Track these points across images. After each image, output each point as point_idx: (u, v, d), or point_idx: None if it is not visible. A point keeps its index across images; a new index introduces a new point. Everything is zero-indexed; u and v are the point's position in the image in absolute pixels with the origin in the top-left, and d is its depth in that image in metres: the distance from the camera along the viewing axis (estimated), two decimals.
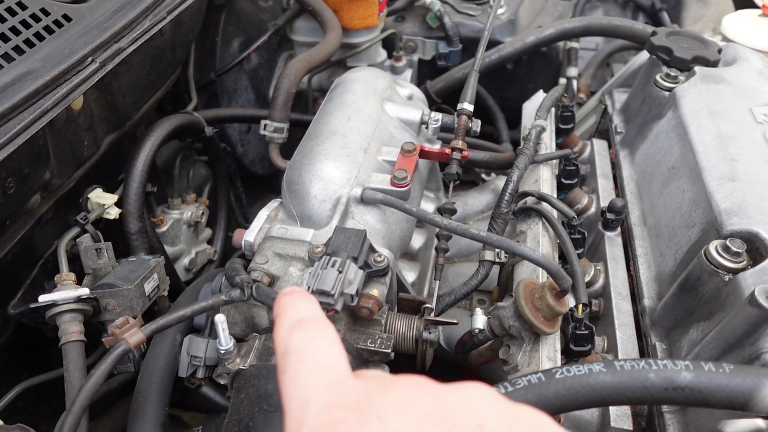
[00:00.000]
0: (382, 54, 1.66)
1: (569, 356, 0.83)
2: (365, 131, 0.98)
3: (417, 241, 1.17)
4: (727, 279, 0.75)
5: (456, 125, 1.08)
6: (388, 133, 1.03)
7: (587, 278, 0.99)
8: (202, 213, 1.32)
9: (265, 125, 1.22)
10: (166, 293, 0.98)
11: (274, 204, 0.95)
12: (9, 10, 0.80)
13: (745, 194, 0.81)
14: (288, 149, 1.28)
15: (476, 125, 1.10)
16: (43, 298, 0.79)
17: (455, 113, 1.10)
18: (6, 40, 0.78)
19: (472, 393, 0.37)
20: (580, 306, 0.82)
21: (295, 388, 0.38)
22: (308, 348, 0.40)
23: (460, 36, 1.66)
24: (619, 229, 1.06)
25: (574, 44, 1.77)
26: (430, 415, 0.34)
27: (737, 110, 0.99)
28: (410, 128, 1.10)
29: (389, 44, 1.67)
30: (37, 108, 0.74)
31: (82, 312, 0.81)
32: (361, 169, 0.91)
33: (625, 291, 0.96)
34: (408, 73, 1.67)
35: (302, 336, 0.42)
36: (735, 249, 0.74)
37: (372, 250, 0.77)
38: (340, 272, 0.70)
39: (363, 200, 0.89)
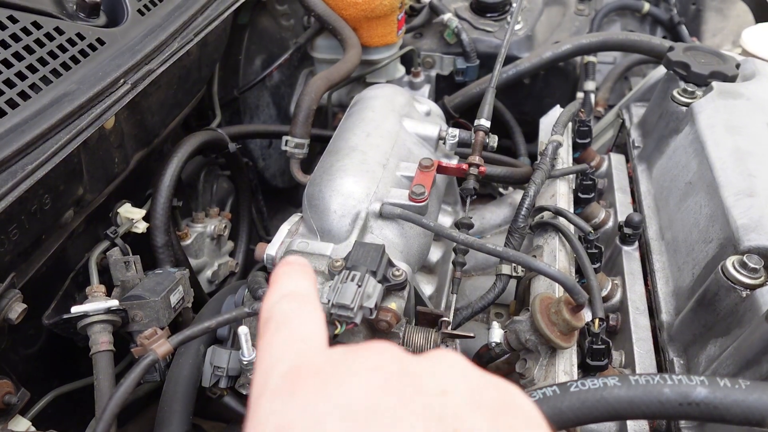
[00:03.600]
0: (401, 70, 1.69)
1: (586, 371, 0.84)
2: (384, 147, 1.00)
3: (435, 254, 1.18)
4: (744, 295, 0.75)
5: (473, 141, 1.10)
6: (406, 148, 1.06)
7: (605, 293, 1.00)
8: (225, 226, 1.35)
9: (287, 141, 1.26)
10: (190, 305, 1.01)
11: (295, 218, 0.98)
12: (47, 35, 0.85)
13: (763, 210, 0.81)
14: (308, 163, 1.31)
15: (493, 141, 1.12)
16: (75, 310, 0.83)
17: (472, 129, 1.12)
18: (45, 63, 0.82)
19: (440, 359, 0.36)
20: (597, 321, 0.82)
21: (266, 351, 0.37)
22: (291, 318, 0.40)
23: (478, 52, 1.68)
24: (636, 244, 1.06)
25: (591, 58, 1.78)
26: (395, 377, 0.33)
27: (755, 125, 0.99)
28: (428, 144, 1.12)
29: (408, 60, 1.70)
30: (73, 128, 0.78)
31: (112, 323, 0.85)
32: (380, 185, 0.93)
33: (642, 306, 0.96)
34: (426, 89, 1.70)
35: (288, 306, 0.41)
36: (752, 265, 0.74)
37: (390, 264, 0.79)
38: (360, 286, 0.72)
39: (382, 215, 0.91)
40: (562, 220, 1.02)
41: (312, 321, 0.40)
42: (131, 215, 1.01)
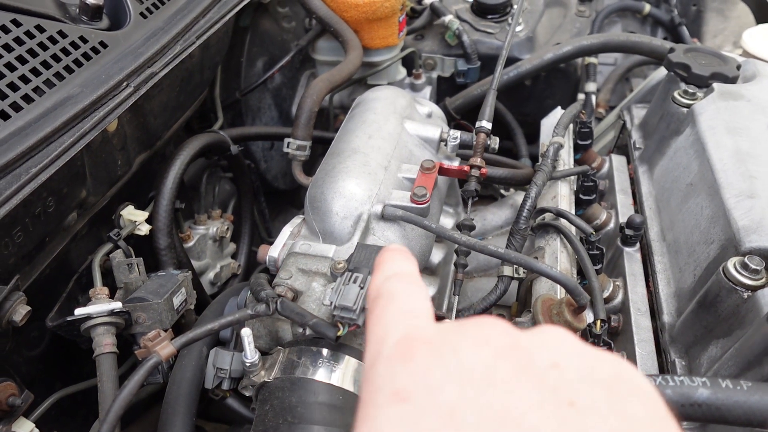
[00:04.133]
0: (402, 72, 1.69)
1: None
2: (386, 149, 1.00)
3: (436, 256, 1.18)
4: (745, 296, 0.75)
5: (474, 143, 1.10)
6: (408, 150, 1.06)
7: (606, 294, 1.00)
8: (227, 228, 1.36)
9: (289, 143, 1.26)
10: (193, 307, 1.02)
11: (297, 220, 0.98)
12: (51, 38, 0.85)
13: (764, 211, 0.81)
14: (309, 165, 1.31)
15: (494, 142, 1.12)
16: (79, 312, 0.83)
17: (474, 131, 1.12)
18: (48, 67, 0.82)
19: (550, 334, 0.36)
20: (598, 322, 0.82)
21: (377, 324, 0.39)
22: (400, 293, 0.42)
23: (479, 53, 1.68)
24: (638, 245, 1.06)
25: (592, 60, 1.78)
26: (505, 350, 0.34)
27: (756, 127, 0.99)
28: (429, 145, 1.12)
29: (409, 62, 1.71)
30: (77, 131, 0.78)
31: (115, 325, 0.85)
32: (382, 187, 0.94)
33: (644, 307, 0.96)
34: (427, 91, 1.70)
35: (396, 285, 0.43)
36: (753, 266, 0.75)
37: None
38: (362, 288, 0.72)
39: (383, 217, 0.91)
40: (563, 221, 1.03)
41: (419, 297, 0.42)
42: (134, 217, 1.01)
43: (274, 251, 0.91)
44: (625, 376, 0.33)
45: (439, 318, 0.87)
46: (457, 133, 1.12)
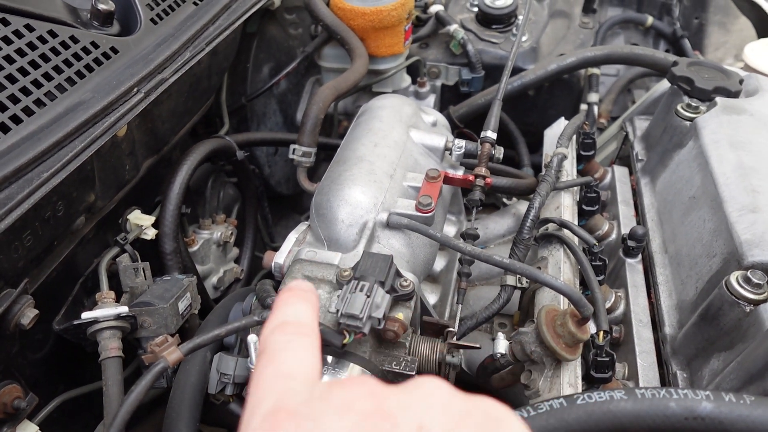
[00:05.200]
0: (407, 80, 1.70)
1: (590, 382, 0.84)
2: (391, 157, 1.01)
3: (439, 263, 1.19)
4: (748, 310, 0.76)
5: (479, 152, 1.11)
6: (413, 159, 1.07)
7: (608, 305, 1.00)
8: (231, 233, 1.36)
9: (294, 149, 1.27)
10: (197, 311, 1.02)
11: (302, 227, 0.99)
12: (63, 43, 0.86)
13: (767, 226, 0.82)
14: (312, 170, 1.32)
15: (499, 152, 1.13)
16: (86, 315, 0.83)
17: (479, 140, 1.13)
18: (60, 72, 0.83)
19: (418, 390, 0.36)
20: (601, 333, 0.83)
21: (255, 388, 0.39)
22: (280, 351, 0.41)
23: (483, 63, 1.69)
24: (639, 256, 1.07)
25: (595, 70, 1.79)
26: (368, 416, 0.34)
27: (759, 141, 1.00)
28: (434, 154, 1.13)
29: (413, 70, 1.72)
30: (87, 136, 0.79)
31: (121, 329, 0.85)
32: (387, 195, 0.95)
33: (645, 318, 0.97)
34: (431, 99, 1.71)
35: (279, 339, 0.42)
36: (756, 280, 0.75)
37: (398, 274, 0.80)
38: (368, 296, 0.73)
39: (389, 225, 0.92)
40: (566, 232, 1.03)
41: (301, 352, 0.41)
42: (141, 222, 1.02)
43: (279, 258, 0.92)
44: (495, 426, 0.34)
45: (441, 327, 0.87)
46: (462, 143, 1.13)
